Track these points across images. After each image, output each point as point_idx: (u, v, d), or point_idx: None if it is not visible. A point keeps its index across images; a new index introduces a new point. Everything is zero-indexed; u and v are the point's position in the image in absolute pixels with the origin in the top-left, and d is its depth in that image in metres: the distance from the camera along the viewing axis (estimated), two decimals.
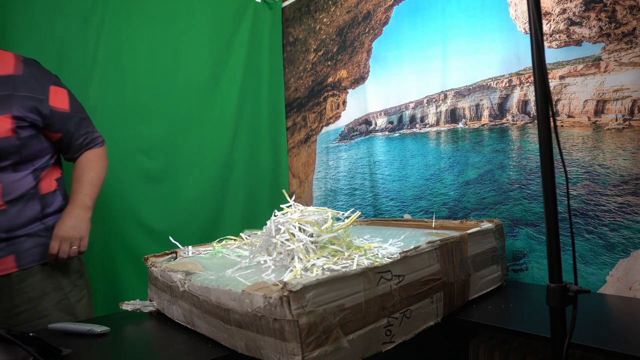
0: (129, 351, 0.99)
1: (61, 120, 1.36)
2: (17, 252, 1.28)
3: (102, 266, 1.72)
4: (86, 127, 1.45)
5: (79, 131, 1.42)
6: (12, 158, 1.25)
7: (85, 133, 1.44)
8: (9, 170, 1.26)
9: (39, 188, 1.33)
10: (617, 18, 1.25)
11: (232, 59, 2.15)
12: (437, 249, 1.06)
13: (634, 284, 1.21)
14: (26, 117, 1.27)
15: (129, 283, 1.75)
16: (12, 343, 0.80)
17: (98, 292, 1.68)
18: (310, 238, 0.99)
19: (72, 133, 1.39)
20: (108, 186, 1.74)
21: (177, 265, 1.13)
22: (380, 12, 1.90)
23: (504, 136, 1.52)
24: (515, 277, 1.46)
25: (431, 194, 1.73)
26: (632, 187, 1.23)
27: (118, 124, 1.76)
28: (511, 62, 1.49)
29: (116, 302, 1.31)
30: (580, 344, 0.89)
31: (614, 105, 1.27)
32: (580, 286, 0.73)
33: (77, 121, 1.41)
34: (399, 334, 0.94)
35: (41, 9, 1.58)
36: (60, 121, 1.36)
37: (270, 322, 0.78)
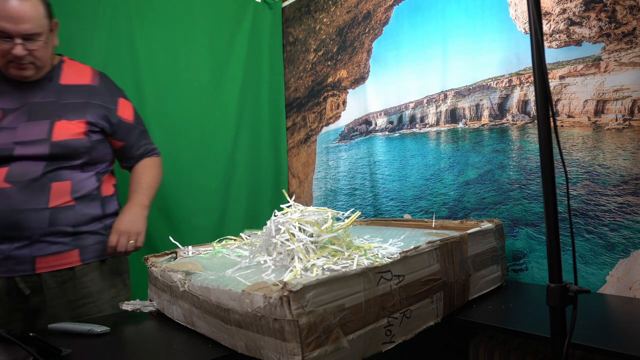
0: (129, 351, 0.99)
1: (126, 130, 1.49)
2: (81, 247, 1.35)
3: None
4: (145, 138, 1.58)
5: (139, 142, 1.54)
6: (82, 158, 1.36)
7: (145, 144, 1.57)
8: (77, 170, 1.35)
9: (101, 190, 1.43)
10: (617, 18, 1.25)
11: (232, 59, 2.15)
12: (437, 249, 1.06)
13: (634, 284, 1.21)
14: (97, 123, 1.39)
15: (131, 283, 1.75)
16: (12, 343, 0.80)
17: None
18: (310, 238, 0.99)
19: (133, 143, 1.52)
20: None
21: (177, 265, 1.13)
22: (380, 12, 1.90)
23: (504, 136, 1.52)
24: (515, 277, 1.46)
25: (431, 194, 1.73)
26: (632, 187, 1.23)
27: None
28: (511, 62, 1.49)
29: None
30: (580, 344, 0.90)
31: (614, 105, 1.27)
32: (580, 286, 0.73)
33: (138, 132, 1.54)
34: (399, 334, 0.94)
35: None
36: (124, 130, 1.48)
37: (270, 322, 0.78)
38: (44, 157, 1.29)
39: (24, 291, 1.29)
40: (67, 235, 1.32)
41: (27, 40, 1.24)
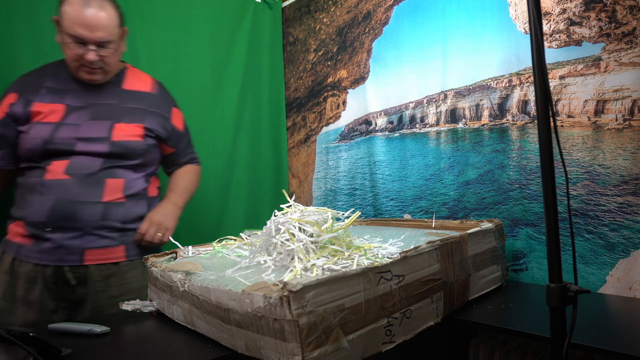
0: (129, 351, 0.99)
1: (177, 137, 1.59)
2: (126, 244, 1.41)
3: None
4: (191, 147, 1.69)
5: (185, 150, 1.65)
6: (136, 159, 1.44)
7: (190, 152, 1.68)
8: (130, 170, 1.43)
9: (148, 191, 1.50)
10: (617, 18, 1.25)
11: (233, 59, 2.15)
12: (437, 249, 1.06)
13: (634, 284, 1.21)
14: (154, 129, 1.48)
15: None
16: (12, 343, 0.80)
17: None
18: (310, 238, 0.99)
19: (181, 150, 1.62)
20: None
21: (177, 265, 1.13)
22: (380, 12, 1.90)
23: (504, 136, 1.52)
24: (515, 277, 1.46)
25: (431, 194, 1.73)
26: (632, 187, 1.23)
27: None
28: (511, 62, 1.49)
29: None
30: (580, 344, 0.89)
31: (614, 105, 1.27)
32: (580, 286, 0.73)
33: (186, 141, 1.65)
34: (399, 334, 0.94)
35: (41, 9, 1.58)
36: (175, 138, 1.58)
37: (270, 322, 0.78)
38: (102, 155, 1.37)
39: (70, 281, 1.34)
40: (115, 230, 1.38)
41: (99, 47, 1.32)
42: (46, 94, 1.37)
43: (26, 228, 1.32)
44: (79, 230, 1.32)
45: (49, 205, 1.30)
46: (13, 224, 1.37)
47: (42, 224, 1.30)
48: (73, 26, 1.27)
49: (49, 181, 1.31)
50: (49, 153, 1.33)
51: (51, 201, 1.30)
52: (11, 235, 1.36)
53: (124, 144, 1.40)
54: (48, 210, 1.30)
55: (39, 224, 1.31)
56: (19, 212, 1.35)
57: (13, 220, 1.37)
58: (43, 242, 1.31)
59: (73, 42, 1.29)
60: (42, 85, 1.38)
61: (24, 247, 1.33)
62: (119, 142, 1.39)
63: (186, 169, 1.66)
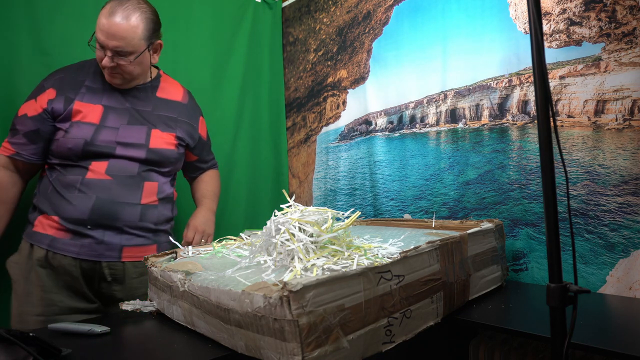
0: (129, 351, 0.99)
1: (201, 145, 1.66)
2: (158, 243, 1.49)
3: None
4: (212, 154, 1.77)
5: (208, 156, 1.74)
6: (168, 166, 1.52)
7: (212, 158, 1.77)
8: (161, 175, 1.51)
9: (173, 194, 1.57)
10: (617, 18, 1.25)
11: (232, 59, 2.15)
12: (437, 249, 1.06)
13: (634, 284, 1.21)
14: (184, 139, 1.56)
15: None
16: (12, 343, 0.80)
17: None
18: (310, 238, 0.99)
19: (204, 157, 1.70)
20: None
21: (177, 265, 1.13)
22: (380, 12, 1.90)
23: (504, 136, 1.52)
24: (515, 277, 1.46)
25: (431, 194, 1.73)
26: (632, 187, 1.23)
27: None
28: (511, 62, 1.49)
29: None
30: (580, 344, 0.89)
31: (614, 105, 1.27)
32: (580, 286, 0.73)
33: (208, 148, 1.74)
34: (399, 334, 0.94)
35: (41, 9, 1.58)
36: (200, 146, 1.66)
37: (270, 322, 0.78)
38: (139, 160, 1.44)
39: (106, 277, 1.40)
40: (149, 231, 1.46)
41: (117, 55, 1.35)
42: (86, 93, 1.41)
43: (62, 223, 1.36)
44: (118, 229, 1.39)
45: (91, 203, 1.36)
46: (42, 217, 1.39)
47: (83, 221, 1.36)
48: (98, 30, 1.33)
49: (90, 180, 1.37)
50: (89, 154, 1.38)
51: (93, 200, 1.36)
52: (40, 227, 1.38)
53: (159, 152, 1.48)
54: (90, 209, 1.35)
55: (80, 220, 1.36)
56: (51, 207, 1.37)
57: (40, 213, 1.40)
58: (82, 237, 1.37)
59: (98, 45, 1.35)
60: (82, 83, 1.42)
61: (59, 241, 1.36)
62: (156, 149, 1.47)
63: (210, 174, 1.74)
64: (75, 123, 1.38)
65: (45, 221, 1.38)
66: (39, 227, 1.39)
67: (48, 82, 1.42)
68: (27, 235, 1.41)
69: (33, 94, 1.42)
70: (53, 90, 1.39)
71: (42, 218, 1.39)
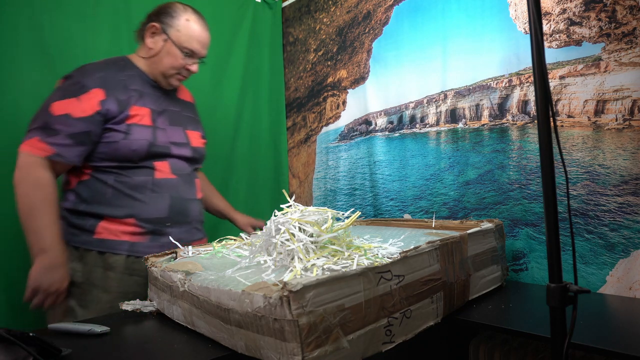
0: (129, 351, 0.99)
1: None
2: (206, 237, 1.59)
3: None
4: None
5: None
6: (201, 163, 1.62)
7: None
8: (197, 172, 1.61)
9: None
10: (617, 18, 1.25)
11: (233, 59, 2.15)
12: (437, 249, 1.06)
13: (634, 284, 1.21)
14: (204, 136, 1.63)
15: None
16: (12, 343, 0.80)
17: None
18: (310, 238, 0.99)
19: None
20: None
21: (177, 265, 1.13)
22: (380, 12, 1.90)
23: (504, 136, 1.52)
24: (515, 277, 1.46)
25: (431, 194, 1.73)
26: (632, 187, 1.23)
27: None
28: (511, 62, 1.49)
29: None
30: (580, 344, 0.89)
31: (614, 105, 1.27)
32: (580, 286, 0.73)
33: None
34: (399, 334, 0.94)
35: (42, 9, 1.58)
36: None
37: (270, 322, 0.78)
38: (186, 158, 1.51)
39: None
40: (202, 225, 1.57)
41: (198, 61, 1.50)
42: (135, 95, 1.42)
43: (141, 224, 1.38)
44: (187, 225, 1.48)
45: (167, 202, 1.41)
46: (107, 223, 1.35)
47: (162, 220, 1.41)
48: (192, 41, 1.44)
49: (160, 180, 1.42)
50: (152, 155, 1.41)
51: (168, 198, 1.41)
52: (108, 234, 1.36)
53: (198, 150, 1.56)
54: (168, 207, 1.41)
55: (159, 220, 1.40)
56: (121, 210, 1.36)
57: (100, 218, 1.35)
58: (161, 237, 1.40)
59: (184, 53, 1.44)
60: (126, 85, 1.42)
61: (138, 245, 1.38)
62: (195, 147, 1.55)
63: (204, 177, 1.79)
64: (134, 126, 1.37)
65: (115, 226, 1.36)
66: (105, 234, 1.36)
67: (89, 81, 1.34)
68: (85, 243, 1.35)
69: (70, 92, 1.33)
70: (100, 90, 1.34)
71: (107, 224, 1.36)
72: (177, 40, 1.42)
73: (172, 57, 1.43)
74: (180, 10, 1.45)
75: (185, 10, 1.45)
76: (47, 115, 1.30)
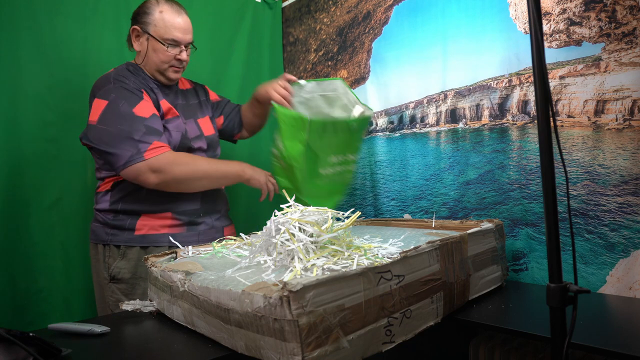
0: (129, 351, 0.99)
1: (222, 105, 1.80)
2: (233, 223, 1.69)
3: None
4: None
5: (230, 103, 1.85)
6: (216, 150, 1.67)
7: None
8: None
9: None
10: (617, 18, 1.25)
11: (232, 59, 2.15)
12: (437, 249, 1.06)
13: (634, 284, 1.21)
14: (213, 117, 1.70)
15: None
16: (12, 343, 0.80)
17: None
18: (310, 238, 0.99)
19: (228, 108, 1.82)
20: None
21: (177, 265, 1.13)
22: (380, 12, 1.90)
23: (504, 136, 1.52)
24: (515, 277, 1.46)
25: (431, 194, 1.73)
26: (632, 187, 1.23)
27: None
28: (511, 62, 1.49)
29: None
30: (580, 344, 0.89)
31: (614, 105, 1.27)
32: (580, 286, 0.73)
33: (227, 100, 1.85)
34: (399, 334, 0.94)
35: (41, 9, 1.58)
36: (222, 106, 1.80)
37: (270, 322, 0.78)
38: (204, 150, 1.58)
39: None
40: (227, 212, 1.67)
41: (186, 48, 1.50)
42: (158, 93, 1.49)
43: (177, 217, 1.48)
44: (219, 213, 1.59)
45: (199, 193, 1.51)
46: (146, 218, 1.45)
47: (196, 211, 1.51)
48: (170, 30, 1.44)
49: None
50: (181, 148, 1.48)
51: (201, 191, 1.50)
52: (148, 229, 1.45)
53: (211, 138, 1.62)
54: (201, 198, 1.51)
55: (193, 211, 1.51)
56: (158, 206, 1.45)
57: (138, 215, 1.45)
58: (197, 225, 1.51)
59: (168, 45, 1.45)
60: (148, 85, 1.48)
61: (178, 235, 1.45)
62: (208, 136, 1.61)
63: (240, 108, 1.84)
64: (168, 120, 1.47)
65: (153, 221, 1.46)
66: (145, 229, 1.45)
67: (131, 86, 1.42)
68: (127, 241, 1.44)
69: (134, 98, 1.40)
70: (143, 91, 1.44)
71: (145, 220, 1.45)
72: (157, 35, 1.44)
73: (158, 52, 1.45)
74: (153, 5, 1.45)
75: (157, 3, 1.45)
76: (139, 120, 1.37)
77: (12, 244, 1.51)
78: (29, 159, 1.56)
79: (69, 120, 1.63)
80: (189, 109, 1.60)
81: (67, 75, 1.64)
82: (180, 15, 1.47)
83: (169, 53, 1.46)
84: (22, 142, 1.55)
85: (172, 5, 1.47)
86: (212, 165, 1.51)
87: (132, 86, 1.42)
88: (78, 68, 1.66)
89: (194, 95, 1.67)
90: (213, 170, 1.50)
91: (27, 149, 1.56)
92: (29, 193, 1.55)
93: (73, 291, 1.63)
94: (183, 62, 1.50)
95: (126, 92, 1.39)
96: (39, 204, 1.57)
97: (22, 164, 1.54)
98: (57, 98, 1.62)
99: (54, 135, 1.60)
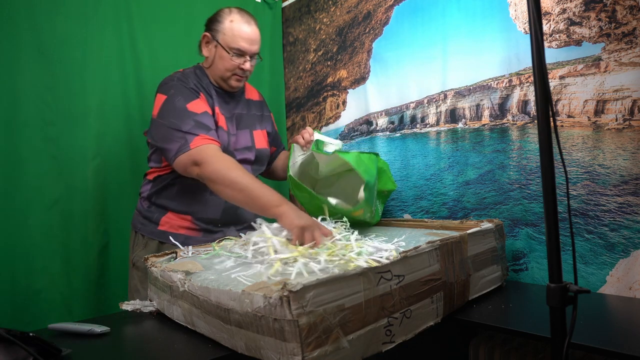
0: (129, 351, 0.99)
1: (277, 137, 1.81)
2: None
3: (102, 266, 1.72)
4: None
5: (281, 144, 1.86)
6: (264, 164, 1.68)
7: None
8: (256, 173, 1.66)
9: None
10: (617, 18, 1.25)
11: None
12: (437, 249, 1.06)
13: (634, 284, 1.21)
14: (271, 133, 1.73)
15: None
16: (12, 343, 0.80)
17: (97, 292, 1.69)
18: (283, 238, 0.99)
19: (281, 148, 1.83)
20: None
21: (177, 265, 1.13)
22: (381, 12, 1.90)
23: (504, 136, 1.52)
24: (515, 277, 1.46)
25: (431, 194, 1.73)
26: (632, 187, 1.23)
27: (120, 124, 1.76)
28: (511, 62, 1.49)
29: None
30: (581, 344, 0.90)
31: (614, 105, 1.27)
32: (580, 286, 0.73)
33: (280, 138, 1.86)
34: (399, 334, 0.94)
35: (41, 9, 1.58)
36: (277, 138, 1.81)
37: (270, 322, 0.78)
38: (250, 162, 1.59)
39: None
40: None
41: (252, 58, 1.53)
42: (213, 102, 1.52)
43: (195, 222, 1.51)
44: (238, 225, 1.57)
45: (222, 206, 1.52)
46: (171, 216, 1.51)
47: (215, 220, 1.53)
48: (237, 40, 1.47)
49: None
50: None
51: (223, 203, 1.50)
52: (169, 227, 1.51)
53: (261, 151, 1.63)
54: (221, 210, 1.52)
55: (212, 220, 1.53)
56: (183, 207, 1.50)
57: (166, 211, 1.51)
58: (213, 234, 1.53)
59: (233, 54, 1.48)
60: (208, 90, 1.52)
61: (193, 239, 1.49)
62: (259, 149, 1.62)
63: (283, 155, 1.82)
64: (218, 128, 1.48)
65: (175, 221, 1.51)
66: (166, 226, 1.51)
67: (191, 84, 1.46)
68: (150, 233, 1.52)
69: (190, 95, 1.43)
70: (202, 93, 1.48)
71: (169, 218, 1.51)
72: (224, 43, 1.48)
73: (223, 60, 1.49)
74: (225, 14, 1.50)
75: (229, 12, 1.51)
76: (190, 115, 1.40)
77: (12, 244, 1.51)
78: (29, 159, 1.55)
79: (69, 120, 1.63)
80: (249, 118, 1.62)
81: (67, 75, 1.64)
82: (249, 26, 1.50)
83: (233, 62, 1.49)
84: (22, 142, 1.54)
85: (243, 16, 1.50)
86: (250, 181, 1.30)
87: (191, 85, 1.46)
88: (78, 68, 1.66)
89: (258, 108, 1.70)
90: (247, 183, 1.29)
91: (27, 149, 1.55)
92: (29, 193, 1.55)
93: (73, 291, 1.62)
94: (246, 71, 1.53)
95: (184, 89, 1.45)
96: (39, 204, 1.57)
97: (22, 163, 1.54)
98: (57, 98, 1.61)
99: (54, 135, 1.60)
